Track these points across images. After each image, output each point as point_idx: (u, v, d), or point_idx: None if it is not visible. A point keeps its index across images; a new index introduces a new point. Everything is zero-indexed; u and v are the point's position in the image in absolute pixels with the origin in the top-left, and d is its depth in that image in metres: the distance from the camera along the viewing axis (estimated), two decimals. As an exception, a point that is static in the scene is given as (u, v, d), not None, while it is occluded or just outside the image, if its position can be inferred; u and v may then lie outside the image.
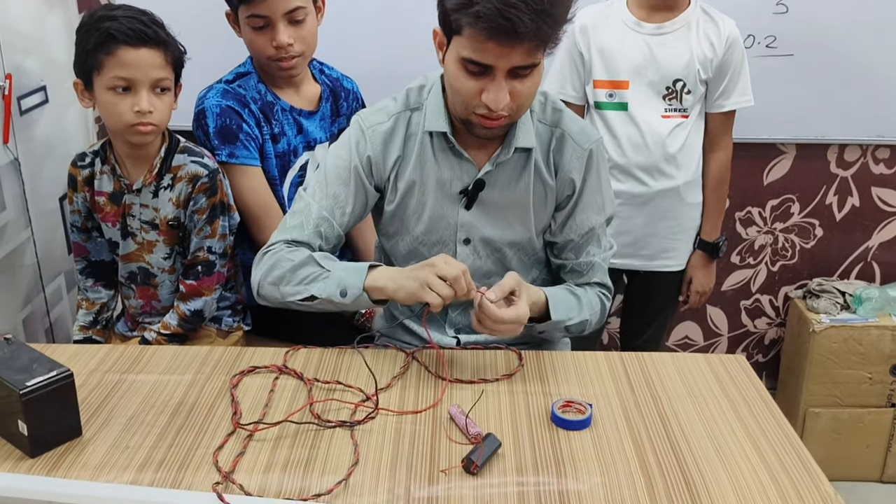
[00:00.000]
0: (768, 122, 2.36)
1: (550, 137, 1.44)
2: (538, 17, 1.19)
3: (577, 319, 1.45)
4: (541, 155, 1.44)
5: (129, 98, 1.52)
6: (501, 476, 1.10)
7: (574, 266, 1.50)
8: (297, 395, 1.29)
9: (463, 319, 1.51)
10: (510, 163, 1.42)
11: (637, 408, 1.26)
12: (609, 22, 1.94)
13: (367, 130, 1.44)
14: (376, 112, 1.46)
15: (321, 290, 1.36)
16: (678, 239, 2.04)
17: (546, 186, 1.45)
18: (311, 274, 1.38)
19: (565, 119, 1.45)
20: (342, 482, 1.08)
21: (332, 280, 1.36)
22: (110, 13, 1.52)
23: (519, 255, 1.49)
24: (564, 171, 1.44)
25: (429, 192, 1.44)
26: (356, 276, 1.35)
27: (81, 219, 1.70)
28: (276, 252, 1.43)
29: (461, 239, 1.46)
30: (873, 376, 2.39)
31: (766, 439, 1.19)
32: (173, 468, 1.11)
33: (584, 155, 1.44)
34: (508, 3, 1.17)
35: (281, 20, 1.71)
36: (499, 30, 1.20)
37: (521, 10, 1.18)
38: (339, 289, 1.35)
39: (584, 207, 1.46)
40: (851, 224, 2.56)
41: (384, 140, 1.44)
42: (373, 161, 1.44)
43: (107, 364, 1.38)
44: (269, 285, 1.42)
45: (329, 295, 1.36)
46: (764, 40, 2.28)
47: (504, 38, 1.21)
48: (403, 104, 1.45)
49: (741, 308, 2.68)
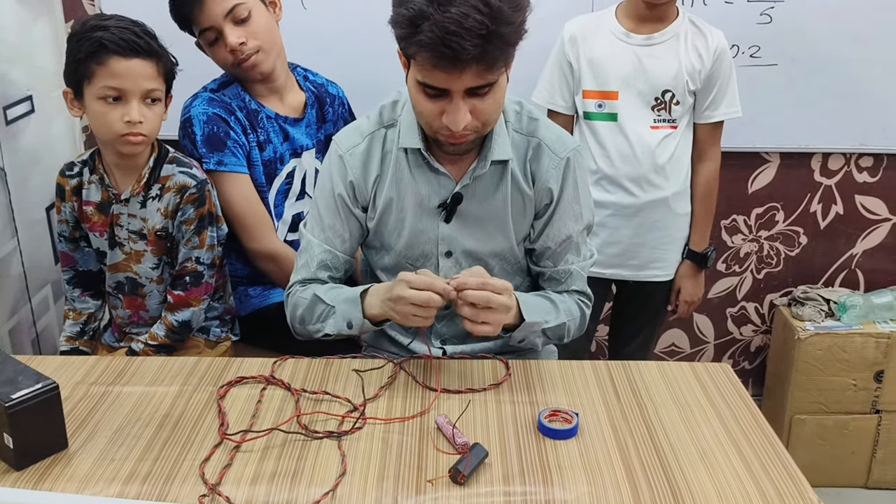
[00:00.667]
0: (753, 130, 2.38)
1: (527, 147, 1.44)
2: (483, 41, 1.18)
3: (555, 323, 1.45)
4: (517, 165, 1.44)
5: (119, 108, 1.52)
6: (488, 485, 1.10)
7: (552, 274, 1.51)
8: (285, 405, 1.29)
9: (448, 330, 1.52)
10: (487, 175, 1.42)
11: (623, 416, 1.27)
12: (598, 33, 1.95)
13: (344, 155, 1.44)
14: (351, 133, 1.47)
15: (332, 327, 1.42)
16: (667, 249, 2.05)
17: (524, 196, 1.45)
18: (322, 312, 1.43)
19: (541, 128, 1.45)
20: (329, 493, 1.08)
21: (338, 315, 1.41)
22: (102, 23, 1.52)
23: (501, 264, 1.50)
24: (542, 181, 1.44)
25: (407, 208, 1.44)
26: (354, 307, 1.40)
27: (69, 228, 1.70)
28: (293, 294, 1.49)
29: (443, 252, 1.46)
30: (858, 383, 2.41)
31: (750, 447, 1.20)
32: (160, 480, 1.10)
33: (561, 164, 1.43)
34: (449, 31, 1.16)
35: (225, 24, 1.73)
36: (442, 58, 1.20)
37: (463, 36, 1.16)
38: (345, 322, 1.40)
39: (561, 216, 1.46)
40: (835, 232, 2.58)
41: (362, 161, 1.44)
42: (355, 185, 1.44)
43: (93, 376, 1.37)
44: (298, 326, 1.49)
45: (339, 330, 1.41)
46: (748, 50, 2.31)
47: (448, 65, 1.21)
48: (377, 122, 1.46)
49: (727, 315, 2.69)
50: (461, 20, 1.16)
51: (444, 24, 1.16)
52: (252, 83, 1.83)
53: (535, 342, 1.46)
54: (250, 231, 1.79)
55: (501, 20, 1.19)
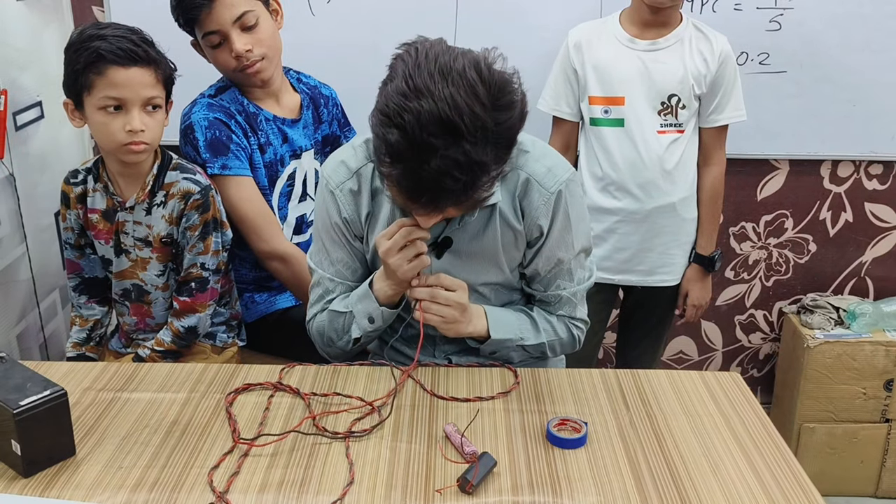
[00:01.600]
0: (762, 137, 2.37)
1: (516, 182, 1.38)
2: (460, 194, 1.15)
3: (533, 342, 1.44)
4: (507, 202, 1.39)
5: (120, 117, 1.52)
6: (497, 495, 1.09)
7: (542, 297, 1.48)
8: (293, 413, 1.28)
9: (452, 348, 1.51)
10: (475, 218, 1.38)
11: (632, 425, 1.26)
12: (602, 39, 1.95)
13: (335, 191, 1.42)
14: (338, 167, 1.42)
15: (357, 329, 1.43)
16: (674, 254, 2.05)
17: (514, 231, 1.40)
18: (343, 322, 1.44)
19: (531, 161, 1.38)
20: (337, 502, 1.07)
21: (359, 318, 1.42)
22: (99, 32, 1.51)
23: (496, 290, 1.48)
24: (531, 217, 1.38)
25: None
26: (368, 301, 1.40)
27: (74, 236, 1.70)
28: (315, 323, 1.50)
29: None
30: (867, 392, 2.40)
31: (760, 456, 1.19)
32: (167, 488, 1.10)
33: (552, 199, 1.37)
34: (424, 186, 1.13)
35: (233, 30, 1.73)
36: (411, 202, 1.19)
37: (440, 195, 1.15)
38: (366, 318, 1.41)
39: (551, 247, 1.41)
40: (845, 239, 2.57)
41: (353, 199, 1.42)
42: (349, 220, 1.43)
43: (101, 382, 1.37)
44: (329, 349, 1.50)
45: (364, 329, 1.42)
46: (757, 57, 2.30)
47: (418, 209, 1.21)
48: (365, 156, 1.41)
49: (735, 323, 2.68)
50: (439, 179, 1.12)
51: (419, 177, 1.12)
52: (250, 87, 1.83)
53: (509, 356, 1.45)
54: (259, 232, 1.79)
55: (482, 172, 1.14)
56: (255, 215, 1.78)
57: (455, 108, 1.09)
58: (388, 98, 1.13)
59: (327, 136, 1.98)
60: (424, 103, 1.10)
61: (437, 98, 1.10)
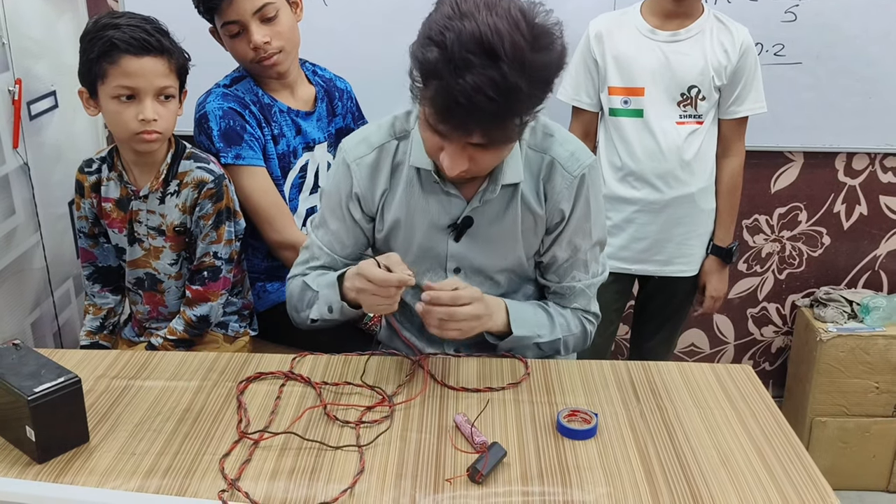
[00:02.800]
0: (776, 130, 2.36)
1: (540, 165, 1.39)
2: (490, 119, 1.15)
3: (549, 338, 1.44)
4: (530, 184, 1.39)
5: (133, 106, 1.53)
6: (506, 485, 1.10)
7: (556, 289, 1.48)
8: (304, 401, 1.29)
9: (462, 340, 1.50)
10: (497, 197, 1.38)
11: (643, 417, 1.26)
12: (623, 29, 1.95)
13: (352, 164, 1.42)
14: (360, 143, 1.43)
15: (316, 311, 1.43)
16: (692, 245, 2.05)
17: (535, 215, 1.41)
18: (309, 298, 1.45)
19: (555, 145, 1.39)
20: (348, 490, 1.08)
21: (321, 300, 1.42)
22: (114, 21, 1.52)
23: (510, 277, 1.48)
24: (554, 201, 1.39)
25: (416, 226, 1.42)
26: (333, 291, 1.40)
27: (88, 225, 1.71)
28: (290, 284, 1.52)
29: (451, 268, 1.45)
30: (880, 385, 2.38)
31: (771, 450, 1.18)
32: (179, 475, 1.11)
33: (574, 183, 1.38)
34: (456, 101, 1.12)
35: (252, 21, 1.73)
36: (443, 122, 1.18)
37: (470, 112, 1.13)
38: (326, 306, 1.41)
39: (570, 233, 1.42)
40: (859, 233, 2.55)
41: (370, 174, 1.42)
42: (360, 197, 1.43)
43: (114, 370, 1.38)
44: (294, 313, 1.50)
45: (322, 314, 1.42)
46: (772, 48, 2.28)
47: (449, 130, 1.19)
48: (389, 133, 1.42)
49: (748, 316, 2.67)
50: (471, 94, 1.11)
51: (452, 93, 1.12)
52: (266, 79, 1.83)
53: (523, 353, 1.45)
54: (271, 222, 1.80)
55: (515, 99, 1.14)
56: (267, 205, 1.79)
57: (496, 33, 1.11)
58: (432, 22, 1.17)
59: (341, 129, 1.98)
60: (467, 24, 1.12)
61: (480, 22, 1.11)
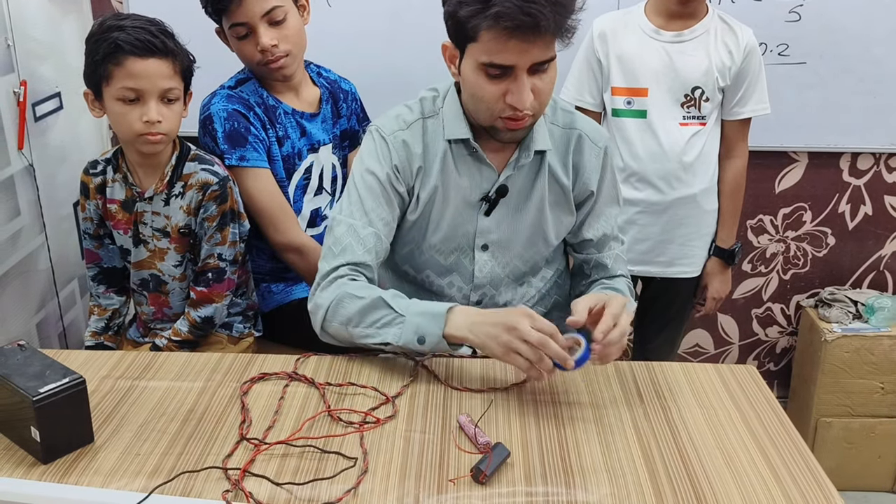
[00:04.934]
0: (780, 130, 2.35)
1: (568, 140, 1.46)
2: (555, 8, 1.20)
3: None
4: (557, 157, 1.45)
5: (137, 108, 1.53)
6: (510, 486, 1.10)
7: (598, 260, 1.54)
8: (308, 402, 1.29)
9: None
10: (526, 166, 1.43)
11: (646, 418, 1.26)
12: (627, 29, 1.95)
13: (388, 138, 1.43)
14: (393, 120, 1.45)
15: (397, 336, 1.30)
16: (694, 245, 2.05)
17: (563, 187, 1.46)
18: (384, 317, 1.32)
19: (579, 120, 1.48)
20: (351, 491, 1.08)
21: (408, 327, 1.29)
22: (118, 23, 1.53)
23: (535, 255, 1.50)
24: (585, 173, 1.47)
25: (450, 202, 1.44)
26: (435, 322, 1.28)
27: (93, 226, 1.72)
28: (340, 285, 1.36)
29: (479, 245, 1.47)
30: (885, 386, 2.38)
31: (776, 451, 1.18)
32: (183, 475, 1.11)
33: (601, 153, 1.47)
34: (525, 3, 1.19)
35: (261, 23, 1.73)
36: (522, 27, 1.21)
37: (541, 3, 1.19)
38: (416, 336, 1.29)
39: (603, 203, 1.51)
40: (864, 233, 2.54)
41: (406, 148, 1.43)
42: (400, 169, 1.43)
43: (119, 370, 1.38)
44: (337, 324, 1.36)
45: (406, 342, 1.29)
46: (776, 48, 2.28)
47: (528, 33, 1.22)
48: (419, 112, 1.45)
49: (752, 316, 2.66)
50: None
51: None
52: (271, 81, 1.84)
53: None
54: (276, 224, 1.80)
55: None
56: (271, 207, 1.79)
57: None
58: None
59: (346, 131, 1.99)
60: None
61: None
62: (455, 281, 1.50)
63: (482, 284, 1.50)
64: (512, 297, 1.56)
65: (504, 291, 1.54)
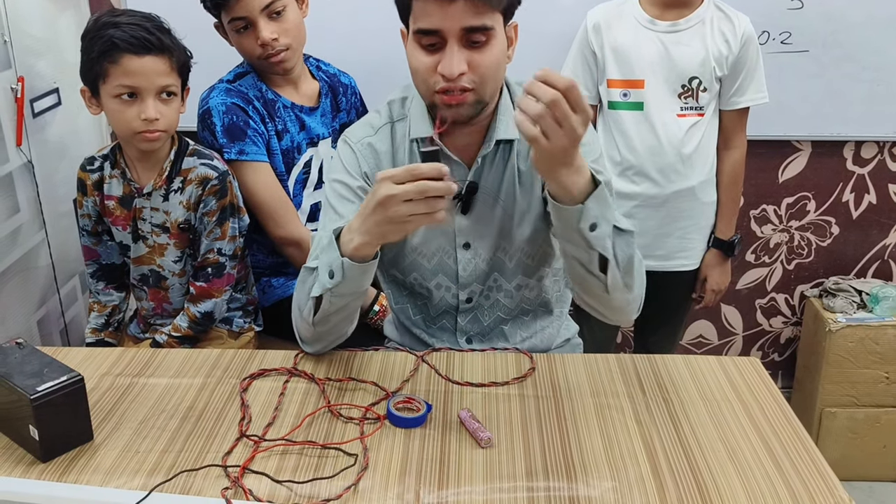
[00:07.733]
0: (783, 119, 2.33)
1: None
2: None
3: (625, 226, 1.26)
4: (525, 145, 1.37)
5: (135, 105, 1.52)
6: (511, 481, 1.09)
7: None
8: (308, 398, 1.29)
9: (473, 327, 1.50)
10: (496, 158, 1.38)
11: (649, 411, 1.25)
12: (622, 20, 1.93)
13: (355, 146, 1.41)
14: (362, 126, 1.43)
15: (318, 287, 1.27)
16: (693, 238, 2.03)
17: (534, 174, 1.39)
18: (310, 280, 1.31)
19: None
20: (351, 487, 1.08)
21: (320, 271, 1.27)
22: (114, 19, 1.51)
23: (518, 253, 1.46)
24: None
25: None
26: (332, 252, 1.24)
27: (91, 223, 1.71)
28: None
29: (461, 244, 1.43)
30: (890, 375, 2.37)
31: (779, 443, 1.17)
32: (183, 473, 1.11)
33: None
34: None
35: (260, 17, 1.72)
36: None
37: None
38: (326, 273, 1.25)
39: None
40: (868, 222, 2.53)
41: (373, 154, 1.41)
42: (370, 175, 1.40)
43: (118, 367, 1.38)
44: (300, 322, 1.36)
45: (323, 286, 1.25)
46: (779, 36, 2.26)
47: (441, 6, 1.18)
48: (388, 116, 1.42)
49: (756, 307, 2.65)
50: None
51: None
52: (270, 74, 1.83)
53: (604, 242, 1.22)
54: (275, 218, 1.79)
55: None
56: (271, 201, 1.78)
57: None
58: None
59: (345, 125, 1.97)
60: None
61: None
62: (442, 282, 1.46)
63: (468, 283, 1.46)
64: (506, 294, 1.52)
65: (495, 289, 1.50)
